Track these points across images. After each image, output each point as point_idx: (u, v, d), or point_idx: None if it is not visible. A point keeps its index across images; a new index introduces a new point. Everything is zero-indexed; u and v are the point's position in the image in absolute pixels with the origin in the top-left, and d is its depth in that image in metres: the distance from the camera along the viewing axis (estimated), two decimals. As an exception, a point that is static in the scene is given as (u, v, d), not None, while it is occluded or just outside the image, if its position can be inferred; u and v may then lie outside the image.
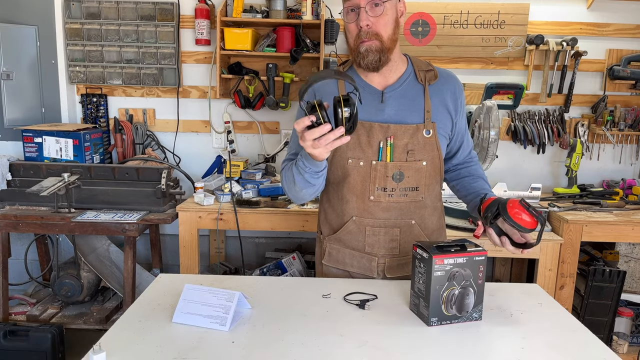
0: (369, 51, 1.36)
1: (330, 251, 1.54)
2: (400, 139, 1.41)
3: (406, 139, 1.42)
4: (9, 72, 2.88)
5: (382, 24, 1.35)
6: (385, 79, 1.46)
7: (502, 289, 1.44)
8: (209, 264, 3.17)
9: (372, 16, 1.34)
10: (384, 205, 1.45)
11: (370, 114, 1.43)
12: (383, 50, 1.37)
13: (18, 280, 3.08)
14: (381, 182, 1.43)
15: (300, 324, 1.19)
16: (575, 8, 2.86)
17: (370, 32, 1.35)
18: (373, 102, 1.44)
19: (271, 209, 2.45)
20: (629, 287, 2.71)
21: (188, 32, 2.94)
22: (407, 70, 1.48)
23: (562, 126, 2.92)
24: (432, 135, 1.43)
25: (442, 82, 1.48)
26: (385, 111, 1.43)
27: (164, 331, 1.14)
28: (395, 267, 1.50)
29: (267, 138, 3.07)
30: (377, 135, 1.42)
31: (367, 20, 1.33)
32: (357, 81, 1.46)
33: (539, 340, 1.14)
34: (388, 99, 1.44)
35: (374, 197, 1.43)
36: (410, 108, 1.44)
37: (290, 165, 1.43)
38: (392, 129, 1.41)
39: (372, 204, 1.45)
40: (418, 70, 1.48)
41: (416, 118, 1.43)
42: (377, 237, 1.47)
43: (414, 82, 1.46)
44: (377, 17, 1.34)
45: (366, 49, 1.36)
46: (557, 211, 2.50)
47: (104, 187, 2.54)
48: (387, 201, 1.44)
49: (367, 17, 1.33)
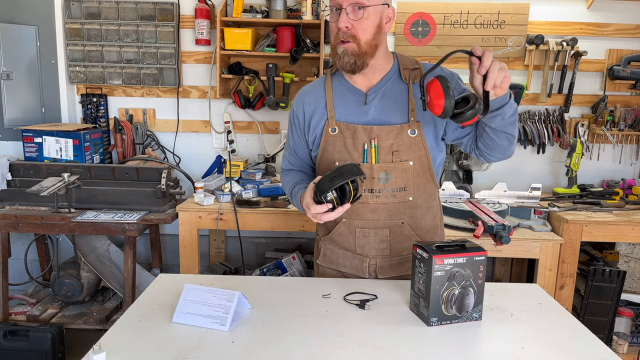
0: (345, 53, 1.36)
1: (325, 252, 1.55)
2: (385, 140, 1.40)
3: (391, 140, 1.41)
4: (9, 72, 2.88)
5: (361, 28, 1.34)
6: (369, 80, 1.45)
7: (502, 289, 1.44)
8: (209, 264, 3.17)
9: (353, 19, 1.33)
10: (372, 207, 1.44)
11: (354, 116, 1.43)
12: (360, 55, 1.36)
13: (18, 280, 3.08)
14: (368, 184, 1.42)
15: (300, 324, 1.19)
16: (575, 8, 2.86)
17: (347, 34, 1.34)
18: (357, 104, 1.44)
19: (271, 209, 2.45)
20: (629, 287, 2.71)
21: (188, 32, 2.94)
22: (392, 69, 1.46)
23: (562, 126, 2.92)
24: (417, 134, 1.41)
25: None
26: (369, 113, 1.43)
27: (164, 331, 1.14)
28: (387, 267, 1.49)
29: (267, 138, 3.07)
30: (361, 137, 1.41)
31: (346, 22, 1.33)
32: (342, 83, 1.47)
33: (539, 340, 1.14)
34: (371, 101, 1.43)
35: (362, 199, 1.43)
36: (393, 108, 1.42)
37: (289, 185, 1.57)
38: (376, 131, 1.41)
39: (360, 206, 1.44)
40: (403, 69, 1.45)
41: (400, 118, 1.42)
42: (367, 239, 1.47)
43: (398, 81, 1.44)
44: (357, 21, 1.33)
45: (343, 50, 1.36)
46: (557, 211, 2.50)
47: (104, 187, 2.54)
48: (374, 202, 1.44)
49: (347, 19, 1.32)
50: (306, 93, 1.54)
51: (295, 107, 1.55)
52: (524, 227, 2.40)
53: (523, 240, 2.28)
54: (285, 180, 1.63)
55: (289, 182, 1.59)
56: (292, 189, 1.54)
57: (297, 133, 1.56)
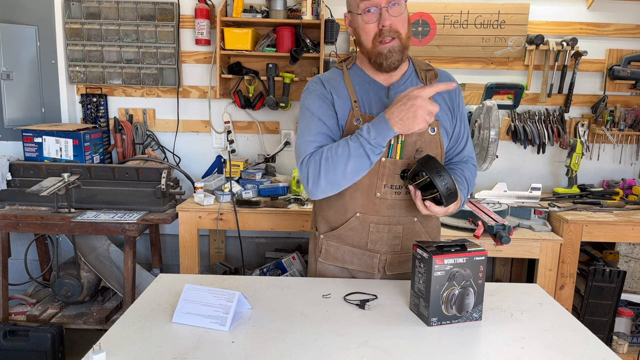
0: (392, 52, 1.37)
1: (328, 249, 1.53)
2: (410, 136, 1.41)
3: (415, 137, 1.42)
4: (9, 72, 2.88)
5: (401, 23, 1.36)
6: (390, 77, 1.46)
7: (502, 289, 1.44)
8: (209, 264, 3.17)
9: (393, 15, 1.35)
10: (389, 203, 1.44)
11: (379, 110, 1.42)
12: (403, 49, 1.39)
13: (18, 280, 3.08)
14: (390, 179, 1.43)
15: (300, 324, 1.19)
16: (575, 8, 2.86)
17: (392, 31, 1.35)
18: (380, 97, 1.45)
19: (271, 209, 2.45)
20: (629, 287, 2.71)
21: (188, 32, 2.94)
22: (409, 69, 1.49)
23: (562, 126, 2.92)
24: (436, 133, 1.44)
25: (442, 82, 1.48)
26: None
27: (164, 331, 1.14)
28: (396, 264, 1.50)
29: (267, 138, 3.07)
30: None
31: (389, 20, 1.34)
32: (362, 77, 1.47)
33: (539, 340, 1.14)
34: (394, 95, 1.44)
35: (381, 193, 1.43)
36: None
37: (344, 142, 1.32)
38: None
39: (378, 201, 1.44)
40: (419, 70, 1.49)
41: None
42: (381, 234, 1.47)
43: (416, 81, 1.47)
44: (397, 17, 1.35)
45: (389, 49, 1.37)
46: (557, 211, 2.50)
47: (104, 187, 2.54)
48: (393, 198, 1.44)
49: (389, 16, 1.34)
50: (326, 80, 1.47)
51: (315, 88, 1.45)
52: (524, 227, 2.40)
53: (523, 240, 2.28)
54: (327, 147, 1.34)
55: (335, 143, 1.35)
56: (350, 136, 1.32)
57: (326, 105, 1.42)
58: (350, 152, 1.30)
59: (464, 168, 1.55)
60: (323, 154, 1.34)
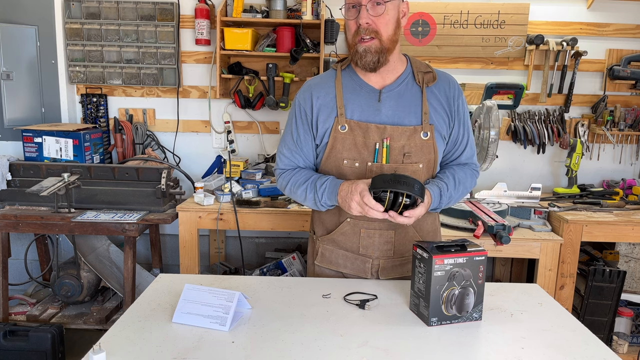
0: (368, 51, 1.35)
1: (324, 252, 1.53)
2: (397, 140, 1.40)
3: (403, 141, 1.40)
4: (9, 72, 2.87)
5: (382, 23, 1.33)
6: (383, 79, 1.44)
7: (502, 289, 1.44)
8: (209, 264, 3.17)
9: (373, 15, 1.32)
10: None
11: (367, 115, 1.42)
12: (382, 51, 1.35)
13: (18, 280, 3.08)
14: None
15: (300, 324, 1.19)
16: (575, 8, 2.86)
17: (369, 30, 1.33)
18: (370, 101, 1.43)
19: (271, 209, 2.45)
20: (629, 287, 2.71)
21: (188, 32, 2.94)
22: (406, 71, 1.46)
23: (562, 126, 2.92)
24: (429, 137, 1.42)
25: (440, 85, 1.46)
26: (382, 112, 1.42)
27: (164, 331, 1.14)
28: (389, 268, 1.49)
29: (267, 138, 3.07)
30: (374, 137, 1.40)
31: (367, 19, 1.32)
32: (354, 79, 1.46)
33: (539, 340, 1.14)
34: (385, 99, 1.43)
35: None
36: (407, 110, 1.42)
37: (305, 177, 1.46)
38: (389, 131, 1.40)
39: None
40: (417, 72, 1.46)
41: (413, 120, 1.42)
42: (372, 239, 1.46)
43: (412, 83, 1.45)
44: (378, 17, 1.32)
45: (365, 49, 1.35)
46: (557, 211, 2.50)
47: (104, 187, 2.54)
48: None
49: (367, 15, 1.32)
50: (315, 86, 1.48)
51: (302, 99, 1.48)
52: (524, 227, 2.40)
53: (523, 240, 2.28)
54: (295, 177, 1.48)
55: (302, 176, 1.47)
56: (316, 180, 1.43)
57: (304, 127, 1.48)
58: (307, 197, 1.45)
59: (457, 169, 1.52)
60: (288, 184, 1.49)
